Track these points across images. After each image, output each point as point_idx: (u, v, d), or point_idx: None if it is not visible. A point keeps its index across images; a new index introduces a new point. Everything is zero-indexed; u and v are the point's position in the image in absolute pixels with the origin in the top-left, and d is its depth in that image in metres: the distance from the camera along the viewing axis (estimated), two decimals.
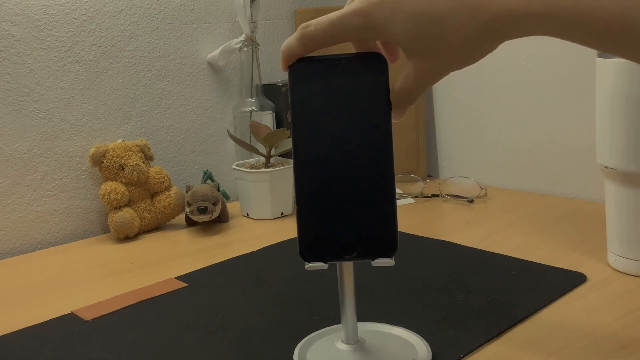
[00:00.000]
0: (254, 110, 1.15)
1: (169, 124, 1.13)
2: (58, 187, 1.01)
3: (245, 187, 1.06)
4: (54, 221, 1.02)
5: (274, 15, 1.26)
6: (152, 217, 1.03)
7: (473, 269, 0.78)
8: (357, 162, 0.51)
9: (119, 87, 1.07)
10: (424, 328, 0.62)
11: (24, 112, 0.97)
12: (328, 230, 0.51)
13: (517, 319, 0.64)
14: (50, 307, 0.74)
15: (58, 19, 0.99)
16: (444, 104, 1.26)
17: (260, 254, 0.88)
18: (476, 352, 0.59)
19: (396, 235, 0.51)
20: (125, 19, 1.06)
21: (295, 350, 0.59)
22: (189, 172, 1.17)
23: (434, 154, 1.30)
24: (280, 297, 0.73)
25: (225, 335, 0.64)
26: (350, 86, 0.50)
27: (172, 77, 1.13)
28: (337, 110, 0.50)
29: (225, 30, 1.19)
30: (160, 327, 0.67)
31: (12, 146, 0.97)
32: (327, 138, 0.50)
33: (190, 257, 0.89)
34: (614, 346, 0.58)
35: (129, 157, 1.01)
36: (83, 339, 0.66)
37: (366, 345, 0.58)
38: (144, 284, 0.80)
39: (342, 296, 0.56)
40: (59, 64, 1.00)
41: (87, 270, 0.87)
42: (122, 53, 1.06)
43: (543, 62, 1.08)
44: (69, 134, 1.02)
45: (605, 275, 0.74)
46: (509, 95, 1.15)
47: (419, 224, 0.98)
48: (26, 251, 0.99)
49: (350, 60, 0.51)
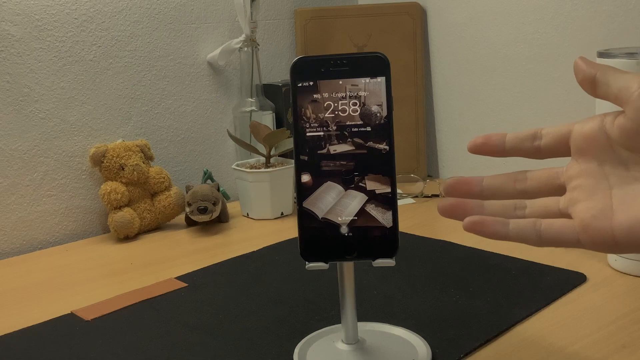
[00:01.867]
0: (254, 110, 1.15)
1: (169, 124, 1.13)
2: (58, 187, 1.01)
3: (245, 187, 1.06)
4: (54, 221, 1.01)
5: (274, 15, 1.26)
6: (152, 217, 1.03)
7: (473, 269, 0.78)
8: (357, 162, 0.51)
9: (119, 87, 1.07)
10: (424, 328, 0.62)
11: (24, 112, 0.97)
12: (328, 230, 0.51)
13: (517, 319, 0.64)
14: (50, 307, 0.74)
15: (58, 19, 0.99)
16: (444, 104, 1.26)
17: (260, 254, 0.88)
18: (476, 352, 0.59)
19: (397, 235, 0.51)
20: (125, 19, 1.06)
21: (295, 350, 0.59)
22: (189, 172, 1.17)
23: (434, 154, 1.30)
24: (280, 297, 0.73)
25: (225, 335, 0.64)
26: (351, 86, 0.50)
27: (172, 77, 1.13)
28: (338, 109, 0.51)
29: (225, 30, 1.19)
30: (160, 327, 0.67)
31: (12, 146, 0.97)
32: (327, 137, 0.50)
33: (190, 257, 0.89)
34: (614, 346, 0.58)
35: (129, 157, 1.01)
36: (83, 339, 0.66)
37: (366, 345, 0.58)
38: (144, 284, 0.80)
39: (342, 296, 0.56)
40: (59, 64, 1.00)
41: (87, 270, 0.87)
42: (122, 53, 1.06)
43: (543, 63, 1.08)
44: (69, 134, 1.02)
45: (605, 275, 0.74)
46: (509, 95, 1.15)
47: (419, 224, 0.98)
48: (26, 251, 0.99)
49: (352, 60, 0.51)
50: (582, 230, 0.41)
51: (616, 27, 0.97)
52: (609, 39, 0.98)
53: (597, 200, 0.41)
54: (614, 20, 0.98)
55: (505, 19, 1.12)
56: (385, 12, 1.23)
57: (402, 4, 1.23)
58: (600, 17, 0.99)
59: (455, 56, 1.21)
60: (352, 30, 1.23)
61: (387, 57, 0.51)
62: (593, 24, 1.00)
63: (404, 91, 1.24)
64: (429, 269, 0.79)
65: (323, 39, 1.23)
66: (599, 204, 0.41)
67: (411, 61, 1.24)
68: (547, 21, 1.06)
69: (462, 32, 1.19)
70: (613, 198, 0.41)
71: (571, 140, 0.44)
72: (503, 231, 0.44)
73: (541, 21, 1.07)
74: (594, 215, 0.40)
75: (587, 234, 0.41)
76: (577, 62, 0.43)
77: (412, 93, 1.24)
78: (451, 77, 1.23)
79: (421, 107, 1.25)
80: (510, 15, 1.11)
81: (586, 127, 0.43)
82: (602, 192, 0.41)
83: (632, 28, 0.96)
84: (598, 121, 0.43)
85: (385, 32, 1.23)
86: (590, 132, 0.42)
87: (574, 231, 0.41)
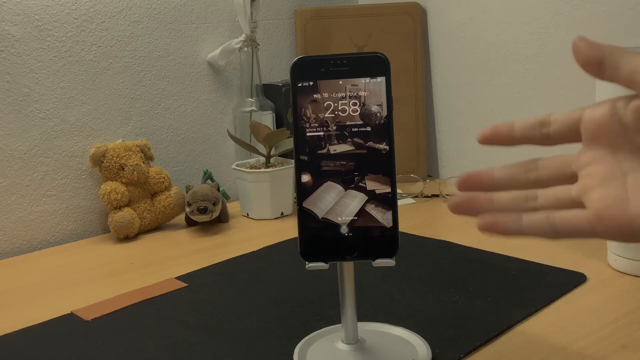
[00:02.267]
0: (254, 110, 1.15)
1: (169, 124, 1.13)
2: (58, 187, 1.01)
3: (245, 187, 1.06)
4: (54, 221, 1.01)
5: (274, 15, 1.26)
6: (152, 217, 1.03)
7: (473, 269, 0.78)
8: (357, 162, 0.51)
9: (119, 87, 1.07)
10: (424, 328, 0.62)
11: (24, 112, 0.97)
12: (328, 230, 0.51)
13: (517, 319, 0.64)
14: (50, 307, 0.74)
15: (58, 19, 0.99)
16: (444, 104, 1.26)
17: (260, 254, 0.88)
18: (476, 352, 0.59)
19: (397, 235, 0.51)
20: (125, 19, 1.06)
21: (295, 350, 0.59)
22: (189, 172, 1.17)
23: (434, 154, 1.30)
24: (280, 297, 0.73)
25: (225, 335, 0.64)
26: (351, 86, 0.50)
27: (172, 77, 1.13)
28: (338, 109, 0.51)
29: (225, 30, 1.19)
30: (160, 327, 0.67)
31: (12, 146, 0.97)
32: (327, 137, 0.50)
33: (190, 257, 0.89)
34: (614, 346, 0.58)
35: (129, 157, 1.01)
36: (83, 339, 0.66)
37: (366, 345, 0.58)
38: (144, 284, 0.80)
39: (342, 296, 0.56)
40: (59, 64, 1.00)
41: (87, 270, 0.87)
42: (122, 53, 1.06)
43: (543, 63, 1.08)
44: (69, 134, 1.02)
45: (605, 275, 0.74)
46: (509, 95, 1.15)
47: (419, 224, 0.98)
48: (26, 251, 0.99)
49: (352, 60, 0.51)
50: (597, 219, 0.40)
51: (616, 27, 0.97)
52: (609, 39, 0.98)
53: (611, 188, 0.40)
54: (614, 20, 0.98)
55: (505, 19, 1.12)
56: (385, 12, 1.23)
57: (402, 4, 1.23)
58: (600, 17, 0.99)
59: (455, 56, 1.21)
60: (352, 30, 1.23)
61: (387, 57, 0.51)
62: (593, 24, 1.00)
63: (404, 91, 1.24)
64: (429, 269, 0.79)
65: (323, 39, 1.23)
66: (614, 191, 0.39)
67: (411, 61, 1.24)
68: (547, 21, 1.06)
69: (462, 32, 1.19)
70: (628, 185, 0.39)
71: (582, 126, 0.42)
72: (517, 228, 0.42)
73: (541, 21, 1.07)
74: (609, 204, 0.39)
75: (603, 224, 0.39)
76: (576, 43, 0.40)
77: (412, 93, 1.24)
78: (451, 77, 1.23)
79: (421, 107, 1.25)
80: (510, 15, 1.11)
81: (597, 112, 0.41)
82: (616, 179, 0.40)
83: (633, 28, 0.96)
84: (609, 106, 0.41)
85: (385, 32, 1.23)
86: (602, 118, 0.41)
87: (589, 221, 0.40)
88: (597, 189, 0.40)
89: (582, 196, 0.41)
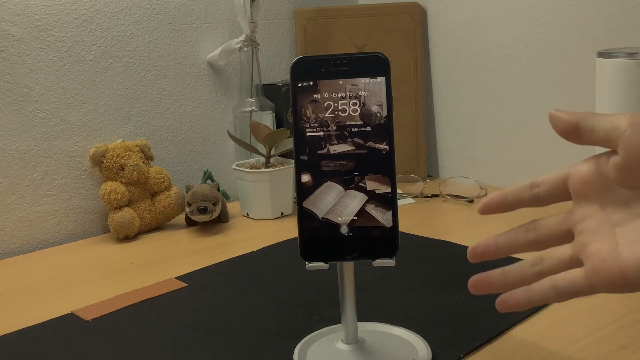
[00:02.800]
0: (254, 110, 1.15)
1: (169, 124, 1.13)
2: (58, 187, 1.01)
3: (245, 187, 1.06)
4: (54, 221, 1.01)
5: (274, 15, 1.26)
6: (152, 217, 1.03)
7: (473, 269, 0.78)
8: (357, 162, 0.51)
9: (119, 87, 1.07)
10: (424, 328, 0.62)
11: (24, 112, 0.97)
12: (328, 230, 0.51)
13: (517, 319, 0.64)
14: (50, 307, 0.74)
15: (58, 19, 0.99)
16: (444, 104, 1.26)
17: (260, 254, 0.88)
18: (476, 352, 0.59)
19: (397, 235, 0.51)
20: (125, 19, 1.06)
21: (295, 350, 0.59)
22: (189, 172, 1.17)
23: (434, 154, 1.30)
24: (280, 297, 0.73)
25: (225, 335, 0.64)
26: (351, 86, 0.50)
27: (172, 77, 1.13)
28: (338, 109, 0.51)
29: (225, 30, 1.19)
30: (160, 327, 0.67)
31: (12, 146, 0.97)
32: (327, 137, 0.50)
33: (190, 257, 0.89)
34: (614, 346, 0.58)
35: (129, 157, 1.01)
36: (83, 339, 0.66)
37: (366, 345, 0.58)
38: (144, 284, 0.80)
39: (342, 296, 0.56)
40: (59, 64, 1.00)
41: (87, 270, 0.87)
42: (122, 53, 1.06)
43: (543, 62, 1.08)
44: (69, 134, 1.02)
45: None
46: (509, 96, 1.15)
47: (419, 224, 0.98)
48: (26, 251, 0.99)
49: (352, 60, 0.51)
50: (594, 273, 0.41)
51: (616, 27, 0.97)
52: (609, 39, 0.98)
53: (604, 241, 0.41)
54: (614, 20, 0.98)
55: (505, 19, 1.12)
56: (385, 12, 1.23)
57: (402, 4, 1.23)
58: (600, 17, 0.99)
59: (455, 56, 1.21)
60: (352, 30, 1.23)
61: (387, 57, 0.51)
62: (593, 24, 1.00)
63: (404, 91, 1.24)
64: (429, 269, 0.79)
65: (323, 39, 1.23)
66: (606, 244, 0.40)
67: (411, 61, 1.24)
68: (547, 21, 1.06)
69: (462, 32, 1.19)
70: (618, 237, 0.40)
71: (569, 184, 0.44)
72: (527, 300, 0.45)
73: (541, 21, 1.07)
74: (603, 257, 0.40)
75: (599, 277, 0.40)
76: (553, 114, 0.43)
77: (412, 93, 1.24)
78: (451, 77, 1.23)
79: (421, 107, 1.25)
80: (510, 15, 1.11)
81: (582, 170, 0.43)
82: (607, 232, 0.41)
83: (632, 28, 0.96)
84: (593, 162, 0.43)
85: (385, 32, 1.23)
86: (587, 175, 0.43)
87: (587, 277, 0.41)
88: (591, 244, 0.41)
89: (579, 254, 0.43)
